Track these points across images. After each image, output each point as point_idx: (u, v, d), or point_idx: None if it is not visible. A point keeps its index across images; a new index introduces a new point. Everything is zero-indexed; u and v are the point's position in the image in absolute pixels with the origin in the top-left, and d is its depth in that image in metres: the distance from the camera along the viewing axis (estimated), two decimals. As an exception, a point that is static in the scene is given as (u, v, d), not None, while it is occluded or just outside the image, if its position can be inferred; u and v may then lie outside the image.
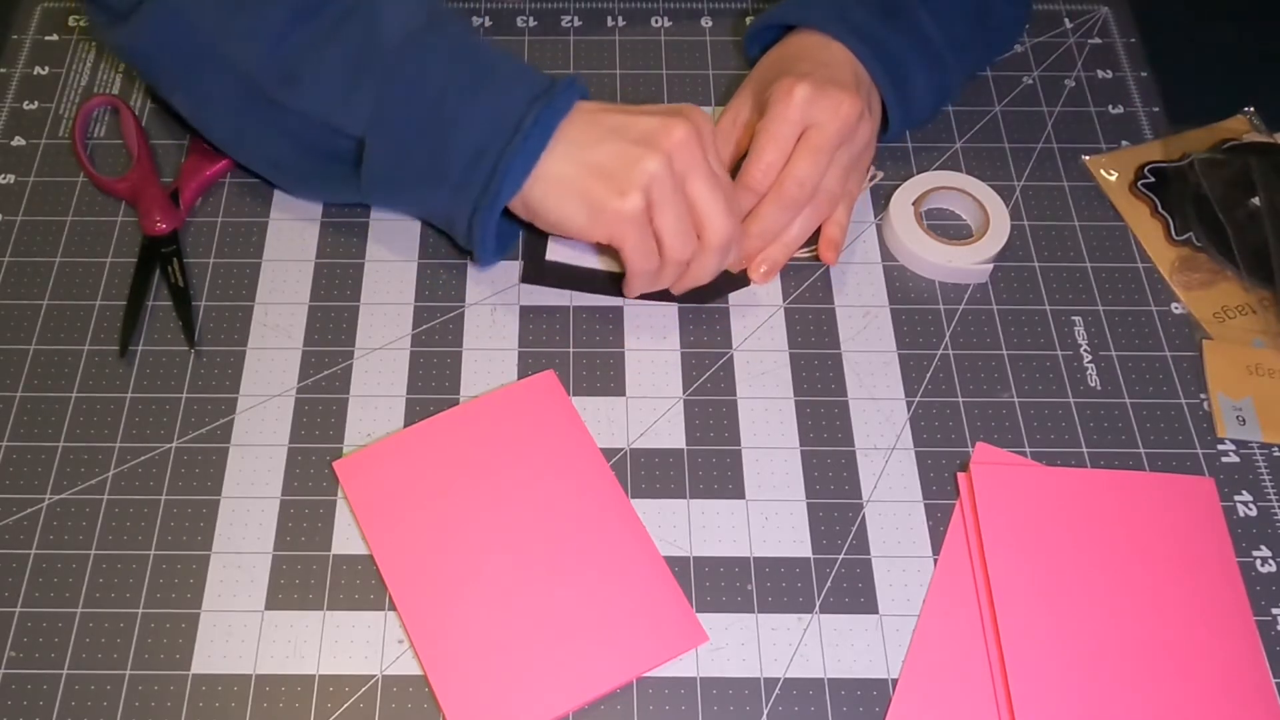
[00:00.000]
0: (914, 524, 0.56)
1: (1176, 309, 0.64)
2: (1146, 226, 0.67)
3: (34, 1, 0.76)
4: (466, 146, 0.56)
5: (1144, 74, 0.74)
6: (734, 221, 0.58)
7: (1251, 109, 0.71)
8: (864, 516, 0.56)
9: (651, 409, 0.59)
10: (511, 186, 0.56)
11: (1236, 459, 0.58)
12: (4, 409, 0.59)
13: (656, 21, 0.76)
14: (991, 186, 0.66)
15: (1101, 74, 0.74)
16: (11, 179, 0.67)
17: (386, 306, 0.63)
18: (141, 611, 0.53)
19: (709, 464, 0.58)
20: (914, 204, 0.65)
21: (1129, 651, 0.52)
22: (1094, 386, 0.61)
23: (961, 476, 0.57)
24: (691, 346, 0.62)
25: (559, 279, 0.63)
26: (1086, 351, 0.62)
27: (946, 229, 0.66)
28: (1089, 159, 0.69)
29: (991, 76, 0.73)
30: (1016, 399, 0.60)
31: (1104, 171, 0.69)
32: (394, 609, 0.53)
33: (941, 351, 0.62)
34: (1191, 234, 0.66)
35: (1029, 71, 0.74)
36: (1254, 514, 0.57)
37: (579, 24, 0.76)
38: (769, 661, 0.52)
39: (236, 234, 0.65)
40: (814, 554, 0.55)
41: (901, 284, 0.64)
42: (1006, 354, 0.62)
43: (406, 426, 0.58)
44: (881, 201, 0.67)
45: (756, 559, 0.55)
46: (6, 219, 0.66)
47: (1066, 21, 0.76)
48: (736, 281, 0.63)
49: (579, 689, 0.51)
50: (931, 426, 0.59)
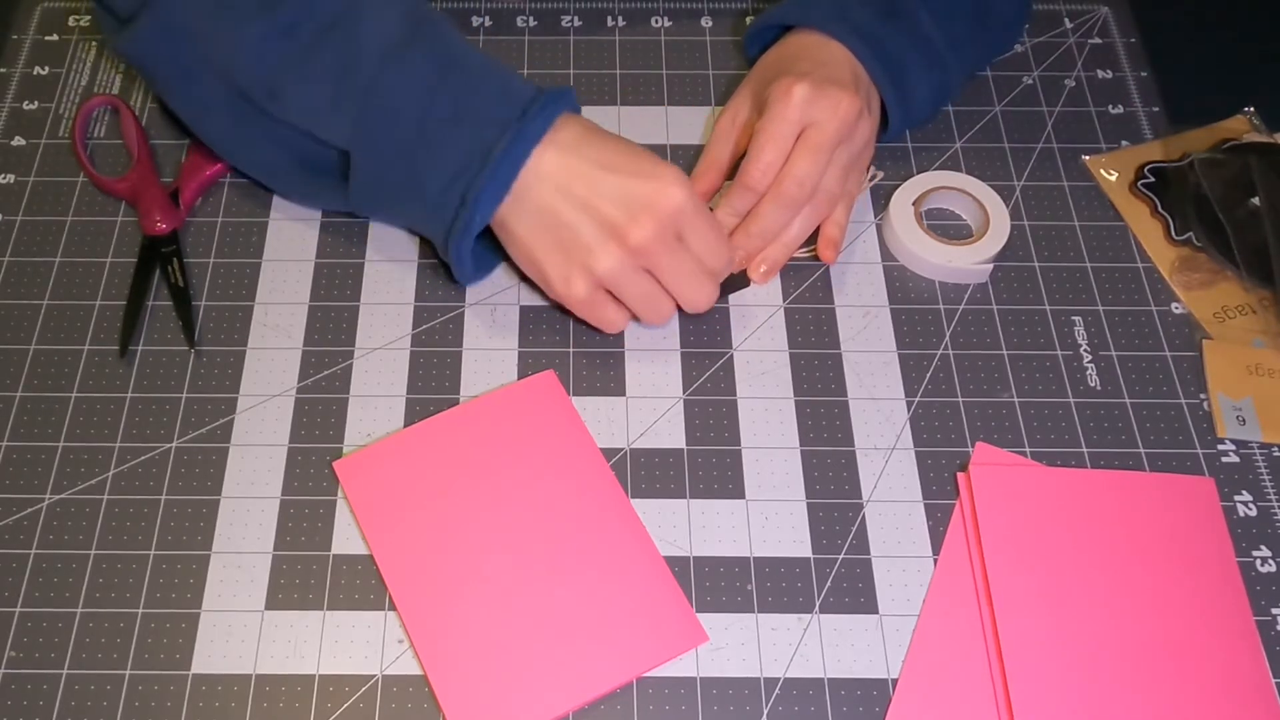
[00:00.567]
0: (914, 524, 0.56)
1: (1176, 309, 0.64)
2: (1146, 226, 0.67)
3: (34, 1, 0.76)
4: (442, 171, 0.56)
5: (1144, 74, 0.74)
6: (711, 288, 0.58)
7: (1251, 109, 0.71)
8: (864, 516, 0.56)
9: (651, 409, 0.59)
10: (484, 214, 0.56)
11: (1236, 459, 0.58)
12: (4, 409, 0.59)
13: (656, 21, 0.76)
14: (991, 186, 0.66)
15: (1101, 74, 0.74)
16: (11, 179, 0.67)
17: (386, 306, 0.63)
18: (141, 611, 0.53)
19: (709, 464, 0.58)
20: (914, 204, 0.65)
21: (1129, 652, 0.52)
22: (1094, 386, 0.61)
23: (961, 476, 0.57)
24: (691, 346, 0.62)
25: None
26: (1086, 351, 0.62)
27: (946, 229, 0.66)
28: (1089, 159, 0.69)
29: (991, 76, 0.73)
30: (1016, 399, 0.60)
31: (1104, 171, 0.69)
32: (394, 609, 0.53)
33: (941, 351, 0.62)
34: (1191, 234, 0.66)
35: (1029, 71, 0.74)
36: (1254, 514, 0.57)
37: (579, 24, 0.76)
38: (769, 661, 0.52)
39: (236, 234, 0.65)
40: (814, 554, 0.55)
41: (901, 284, 0.64)
42: (1006, 354, 0.62)
43: (406, 426, 0.58)
44: (881, 201, 0.67)
45: (756, 559, 0.55)
46: (6, 219, 0.66)
47: (1066, 21, 0.76)
48: (736, 282, 0.63)
49: (579, 689, 0.51)
50: (931, 426, 0.59)
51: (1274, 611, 0.54)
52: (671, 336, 0.62)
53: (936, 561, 0.55)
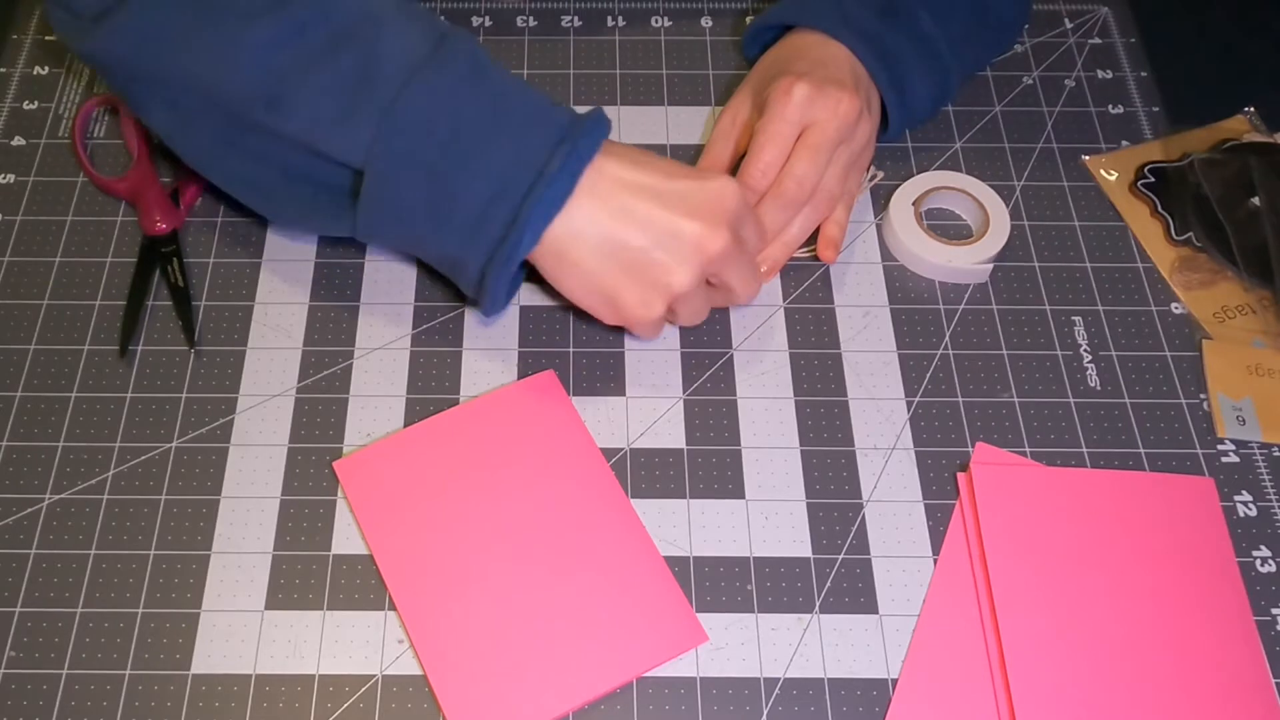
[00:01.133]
0: (914, 524, 0.56)
1: (1176, 309, 0.64)
2: (1146, 226, 0.67)
3: (34, 1, 0.76)
4: (481, 191, 0.52)
5: (1144, 74, 0.74)
6: (756, 287, 0.59)
7: (1251, 109, 0.71)
8: (864, 516, 0.56)
9: (651, 409, 0.59)
10: (532, 237, 0.53)
11: (1236, 459, 0.58)
12: (4, 409, 0.59)
13: (656, 21, 0.76)
14: (991, 186, 0.66)
15: (1101, 74, 0.74)
16: (11, 179, 0.67)
17: (386, 306, 0.63)
18: (141, 611, 0.53)
19: (709, 464, 0.58)
20: (914, 204, 0.65)
21: (1129, 651, 0.52)
22: (1094, 386, 0.61)
23: (961, 476, 0.57)
24: (691, 346, 0.62)
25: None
26: (1086, 351, 0.62)
27: (946, 229, 0.66)
28: (1089, 159, 0.69)
29: (991, 76, 0.73)
30: (1016, 399, 0.60)
31: (1104, 171, 0.69)
32: (394, 609, 0.53)
33: (941, 351, 0.62)
34: (1191, 234, 0.66)
35: (1029, 71, 0.74)
36: (1254, 514, 0.57)
37: (579, 24, 0.76)
38: (769, 661, 0.52)
39: (236, 234, 0.65)
40: (814, 554, 0.55)
41: (901, 284, 0.64)
42: (1006, 354, 0.62)
43: (406, 426, 0.58)
44: (881, 201, 0.67)
45: (756, 559, 0.55)
46: (6, 219, 0.66)
47: (1066, 21, 0.76)
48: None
49: (579, 689, 0.51)
50: (931, 426, 0.59)
51: (1274, 611, 0.54)
52: (671, 336, 0.62)
53: (936, 561, 0.55)
